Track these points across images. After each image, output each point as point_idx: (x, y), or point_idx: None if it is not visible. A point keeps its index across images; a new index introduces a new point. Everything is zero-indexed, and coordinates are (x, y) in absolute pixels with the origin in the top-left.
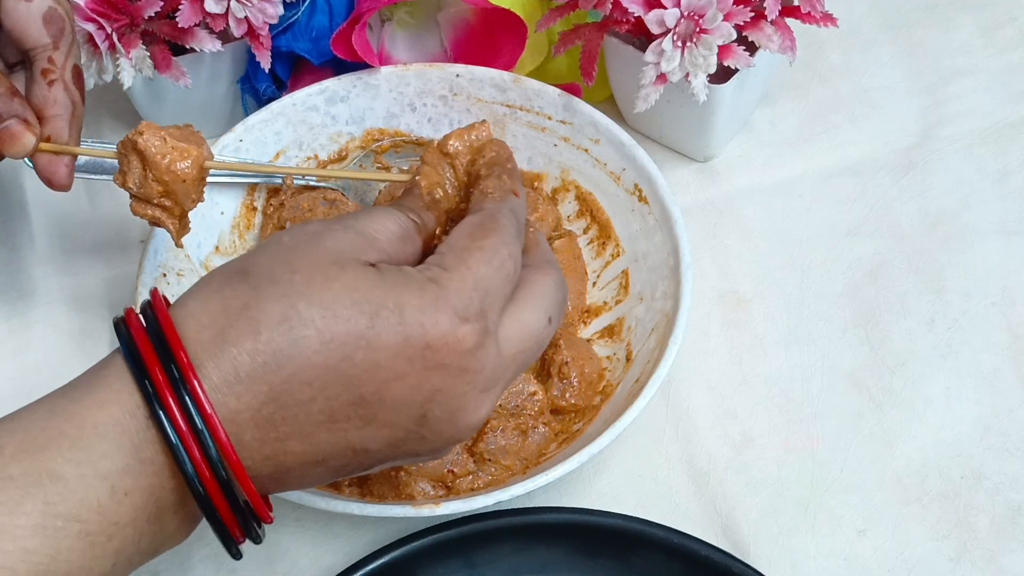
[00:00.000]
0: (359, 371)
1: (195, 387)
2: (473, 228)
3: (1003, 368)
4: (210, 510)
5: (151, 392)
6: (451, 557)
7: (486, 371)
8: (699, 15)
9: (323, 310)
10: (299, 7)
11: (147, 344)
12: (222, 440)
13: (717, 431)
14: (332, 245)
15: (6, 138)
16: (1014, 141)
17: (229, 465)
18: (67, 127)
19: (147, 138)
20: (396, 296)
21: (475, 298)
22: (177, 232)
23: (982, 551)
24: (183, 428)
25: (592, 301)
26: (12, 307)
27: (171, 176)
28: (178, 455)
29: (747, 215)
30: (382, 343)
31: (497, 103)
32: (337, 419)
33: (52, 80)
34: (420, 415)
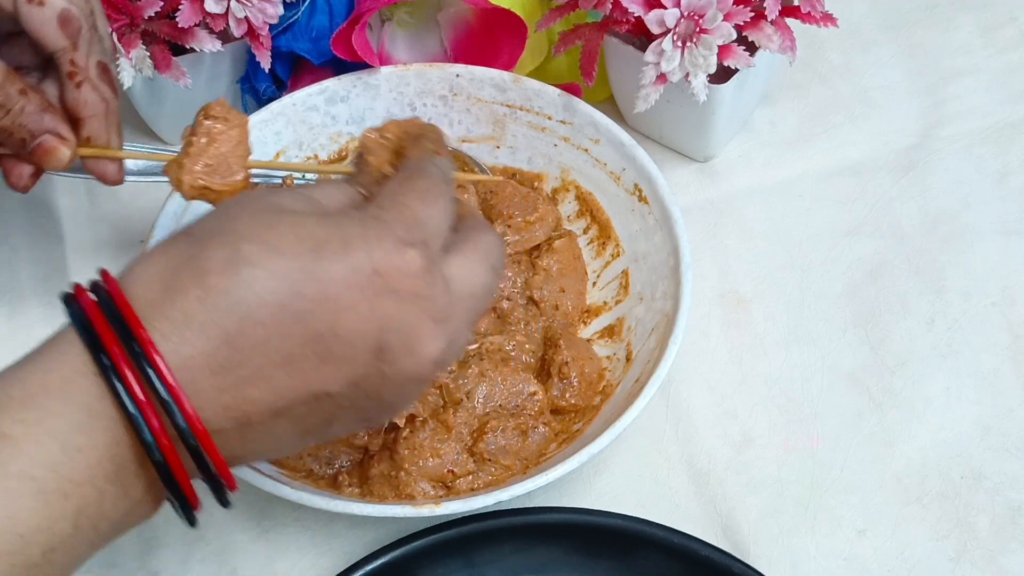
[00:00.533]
0: (310, 305)
1: (156, 362)
2: (402, 178)
3: (1003, 368)
4: (169, 477)
5: (109, 366)
6: (451, 557)
7: (437, 299)
8: (699, 15)
9: (268, 249)
10: (299, 7)
11: (100, 317)
12: (188, 411)
13: (717, 431)
14: (276, 200)
15: (41, 154)
16: (1014, 141)
17: (195, 433)
18: (103, 125)
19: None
20: (339, 231)
21: (415, 228)
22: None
23: (982, 551)
24: (141, 399)
25: (592, 301)
26: (12, 307)
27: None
28: (136, 424)
29: (747, 215)
30: (330, 275)
31: (497, 103)
32: (294, 359)
33: (79, 81)
34: (377, 346)
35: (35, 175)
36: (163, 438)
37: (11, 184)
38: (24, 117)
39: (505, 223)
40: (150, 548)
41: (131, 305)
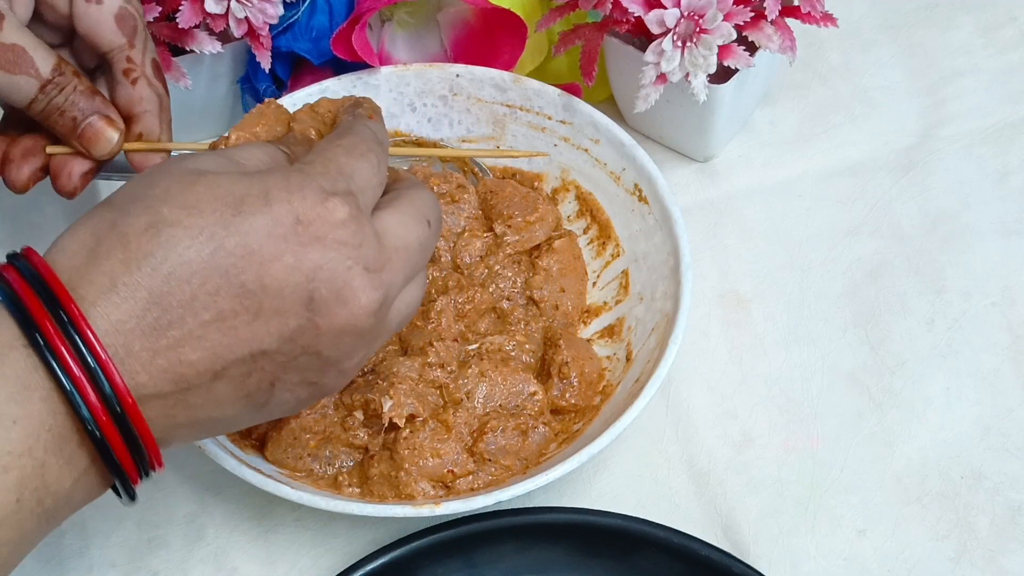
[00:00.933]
0: (234, 259)
1: (87, 334)
2: (330, 136)
3: (1003, 368)
4: (106, 451)
5: (43, 343)
6: (451, 557)
7: (365, 248)
8: (699, 15)
9: (187, 210)
10: (299, 7)
11: (30, 293)
12: (117, 384)
13: (717, 431)
14: (192, 163)
15: (90, 135)
16: (1014, 141)
17: (123, 405)
18: (157, 121)
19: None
20: (259, 184)
21: (340, 179)
22: None
23: (982, 551)
24: (76, 373)
25: (592, 301)
26: None
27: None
28: (73, 400)
29: (747, 215)
30: (251, 226)
31: (497, 103)
32: (224, 315)
33: (135, 78)
34: (307, 296)
35: (85, 176)
36: (101, 414)
37: (59, 188)
38: (76, 95)
39: (505, 223)
40: (150, 548)
41: (58, 277)
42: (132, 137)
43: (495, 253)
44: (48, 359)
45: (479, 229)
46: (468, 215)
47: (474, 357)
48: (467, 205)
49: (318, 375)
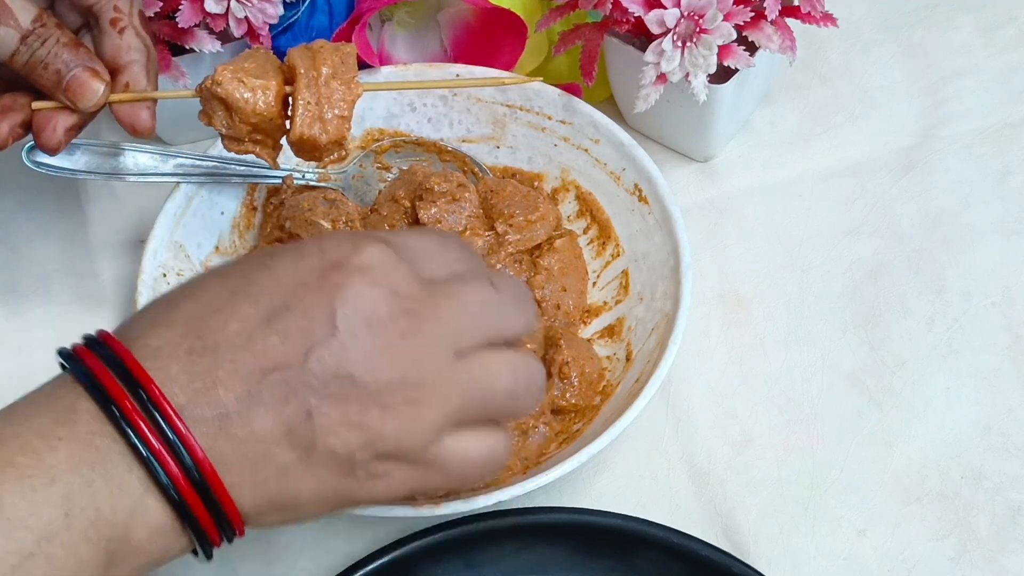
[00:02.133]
0: (261, 288)
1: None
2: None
3: (1003, 368)
4: (188, 515)
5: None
6: (451, 557)
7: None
8: (699, 15)
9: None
10: (299, 7)
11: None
12: (197, 455)
13: (717, 431)
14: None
15: (76, 87)
16: (1014, 141)
17: (205, 473)
18: (143, 72)
19: (225, 85)
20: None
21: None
22: (274, 160)
23: (982, 551)
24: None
25: (592, 301)
26: (12, 307)
27: (257, 117)
28: (153, 469)
29: (747, 215)
30: (281, 261)
31: (497, 103)
32: (254, 338)
33: (122, 28)
34: (330, 312)
35: (69, 130)
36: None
37: (43, 143)
38: (59, 48)
39: (506, 222)
40: None
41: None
42: (119, 88)
43: (496, 252)
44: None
45: (480, 228)
46: (469, 214)
47: None
48: (468, 204)
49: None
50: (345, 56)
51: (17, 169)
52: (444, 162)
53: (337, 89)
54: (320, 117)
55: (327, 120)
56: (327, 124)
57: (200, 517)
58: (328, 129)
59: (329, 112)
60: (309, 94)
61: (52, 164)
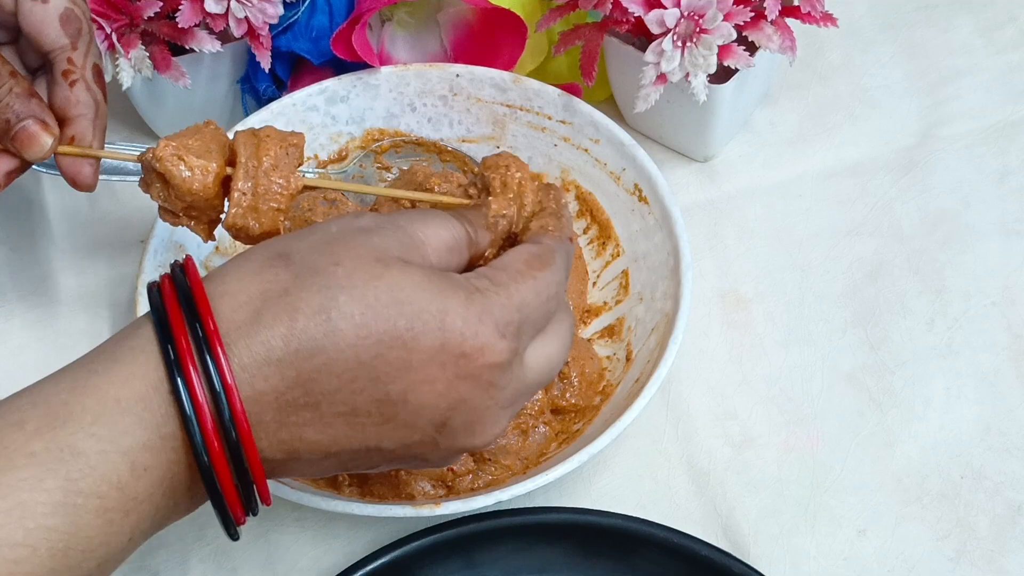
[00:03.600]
0: (390, 369)
1: (218, 353)
2: (530, 256)
3: (1003, 368)
4: (213, 484)
5: (173, 359)
6: (451, 557)
7: (509, 389)
8: (699, 15)
9: (363, 306)
10: (299, 7)
11: (176, 310)
12: (236, 409)
13: (717, 431)
14: (379, 242)
15: (23, 139)
16: (1014, 141)
17: (239, 433)
18: (91, 127)
19: (164, 162)
20: (441, 301)
21: (516, 319)
22: (207, 236)
23: (982, 551)
24: (199, 398)
25: (592, 301)
26: (12, 307)
27: (192, 196)
28: (189, 426)
29: (747, 215)
30: (419, 345)
31: (497, 103)
32: (359, 413)
33: (73, 80)
34: (441, 422)
35: (9, 174)
36: (213, 442)
37: None
38: (11, 98)
39: None
40: (150, 548)
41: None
42: (64, 140)
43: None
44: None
45: None
46: None
47: None
48: None
49: (413, 466)
50: (291, 147)
51: None
52: (444, 162)
53: (276, 182)
54: (255, 208)
55: (262, 211)
56: (261, 215)
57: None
58: (262, 220)
59: (264, 204)
60: (245, 184)
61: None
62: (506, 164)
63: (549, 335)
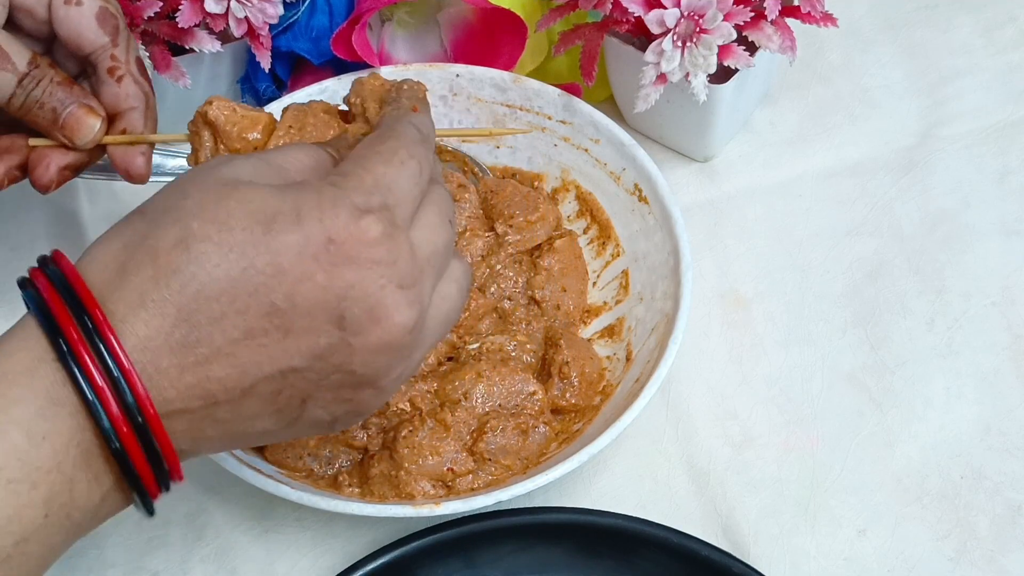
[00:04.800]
0: (264, 278)
1: (111, 340)
2: (371, 138)
3: (1003, 368)
4: (126, 465)
5: (66, 349)
6: (451, 557)
7: (400, 264)
8: (699, 15)
9: (217, 225)
10: (299, 7)
11: (56, 299)
12: (139, 393)
13: (717, 431)
14: (227, 171)
15: (72, 124)
16: (1014, 141)
17: (145, 415)
18: (142, 118)
19: (216, 107)
20: (292, 201)
21: (376, 193)
22: None
23: (982, 551)
24: (99, 383)
25: (592, 301)
26: (12, 307)
27: (242, 144)
28: (95, 411)
29: (747, 215)
30: (282, 245)
31: (497, 103)
32: (254, 334)
33: (120, 76)
34: (338, 316)
35: (63, 170)
36: (122, 425)
37: (35, 180)
38: (53, 87)
39: (506, 223)
40: (150, 548)
41: (86, 284)
42: (116, 133)
43: (496, 253)
44: (71, 367)
45: (480, 229)
46: (469, 215)
47: (473, 357)
48: (468, 205)
49: (352, 392)
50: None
51: None
52: (444, 162)
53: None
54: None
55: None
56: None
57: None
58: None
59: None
60: (292, 119)
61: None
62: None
63: (425, 206)
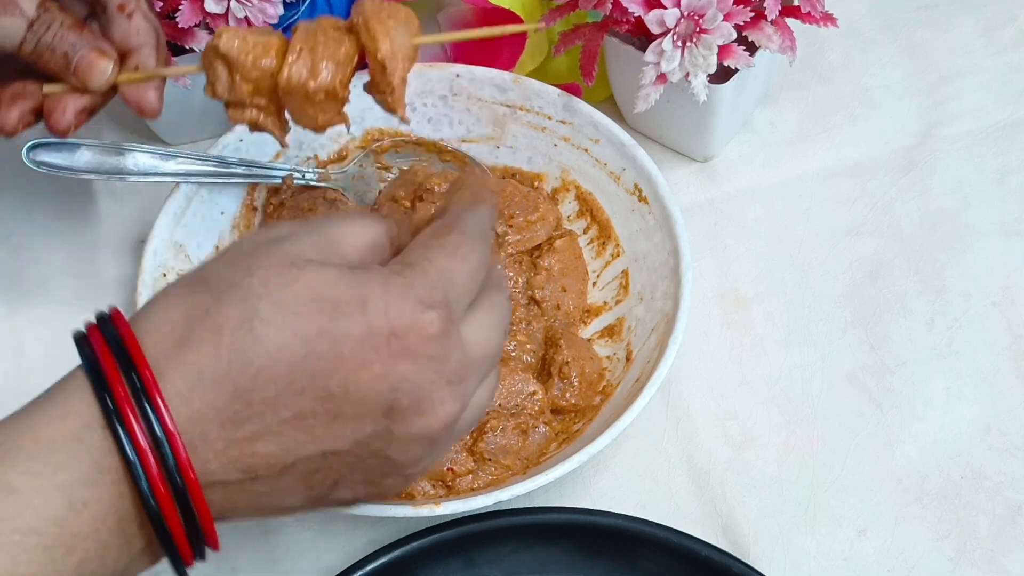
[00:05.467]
0: (324, 364)
1: (157, 401)
2: (436, 228)
3: (1003, 368)
4: (162, 527)
5: (112, 407)
6: (451, 557)
7: (452, 361)
8: (699, 15)
9: (283, 309)
10: (299, 7)
11: (109, 358)
12: (181, 457)
13: (717, 431)
14: (290, 247)
15: (84, 68)
16: (1014, 141)
17: (185, 480)
18: (153, 54)
19: (227, 39)
20: (358, 290)
21: (439, 288)
22: (280, 131)
23: (982, 551)
24: (141, 444)
25: (592, 301)
26: (12, 307)
27: (258, 72)
28: (134, 471)
29: (747, 215)
30: (346, 335)
31: (497, 103)
32: (305, 415)
33: (130, 12)
34: (387, 406)
35: (80, 113)
36: (160, 486)
37: (53, 125)
38: (64, 31)
39: (506, 223)
40: None
41: (143, 352)
42: (128, 70)
43: (496, 253)
44: (116, 428)
45: None
46: None
47: None
48: None
49: (381, 477)
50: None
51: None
52: (444, 162)
53: (333, 37)
54: (311, 64)
55: (319, 67)
56: (318, 70)
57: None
58: (317, 76)
59: (323, 58)
60: (303, 42)
61: (53, 164)
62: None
63: (483, 307)
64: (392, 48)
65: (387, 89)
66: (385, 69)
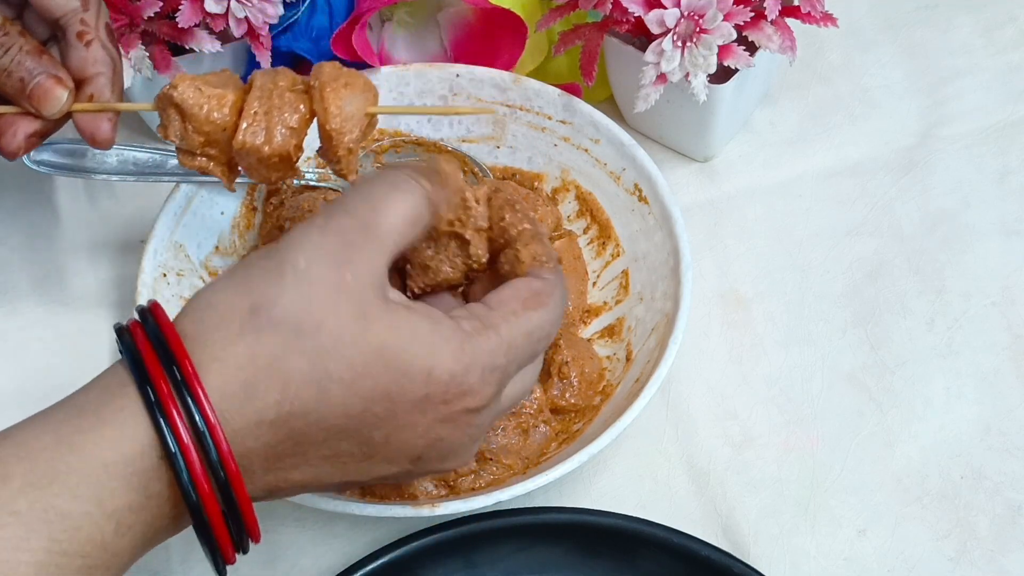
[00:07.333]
0: (375, 420)
1: (199, 395)
2: (529, 294)
3: (1003, 368)
4: (203, 523)
5: (154, 401)
6: (451, 557)
7: (485, 423)
8: (699, 15)
9: (352, 371)
10: (299, 7)
11: (151, 354)
12: (223, 449)
13: (717, 431)
14: (353, 282)
15: (39, 95)
16: (1014, 141)
17: (227, 473)
18: (109, 84)
19: (182, 90)
20: (428, 356)
21: (502, 363)
22: (227, 179)
23: (982, 551)
24: (184, 439)
25: (592, 301)
26: (12, 307)
27: (211, 126)
28: (176, 464)
29: (747, 215)
30: (404, 398)
31: (497, 103)
32: (341, 455)
33: (89, 40)
34: (416, 456)
35: (31, 137)
36: (202, 481)
37: (3, 148)
38: (22, 56)
39: None
40: None
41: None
42: (83, 99)
43: None
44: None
45: None
46: None
47: None
48: None
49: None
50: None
51: (17, 169)
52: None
53: (290, 102)
54: (267, 128)
55: (273, 131)
56: (272, 135)
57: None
58: (272, 142)
59: (277, 123)
60: (259, 104)
61: (53, 164)
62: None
63: (526, 369)
64: (342, 119)
65: (334, 158)
66: (332, 140)
